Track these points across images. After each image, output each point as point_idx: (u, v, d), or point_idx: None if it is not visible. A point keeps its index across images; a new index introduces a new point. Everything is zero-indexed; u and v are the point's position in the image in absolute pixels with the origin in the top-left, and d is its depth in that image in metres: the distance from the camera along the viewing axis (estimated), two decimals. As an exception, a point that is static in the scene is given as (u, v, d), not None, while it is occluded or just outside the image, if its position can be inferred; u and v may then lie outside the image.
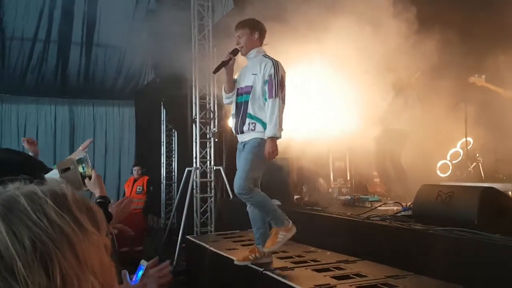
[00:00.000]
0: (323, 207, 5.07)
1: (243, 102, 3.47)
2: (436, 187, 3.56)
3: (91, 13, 10.07)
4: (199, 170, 7.29)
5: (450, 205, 3.26)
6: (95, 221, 0.80)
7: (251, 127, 3.40)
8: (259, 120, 3.40)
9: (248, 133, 3.44)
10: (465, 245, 2.96)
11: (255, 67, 3.47)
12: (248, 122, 3.42)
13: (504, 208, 3.12)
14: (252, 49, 3.51)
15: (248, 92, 3.45)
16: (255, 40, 3.52)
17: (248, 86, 3.47)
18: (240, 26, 3.55)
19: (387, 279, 2.97)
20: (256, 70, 3.45)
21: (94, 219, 0.80)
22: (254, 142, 3.40)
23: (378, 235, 3.72)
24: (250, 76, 3.46)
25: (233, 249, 4.22)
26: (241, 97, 3.50)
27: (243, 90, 3.50)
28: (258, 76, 3.42)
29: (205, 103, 7.48)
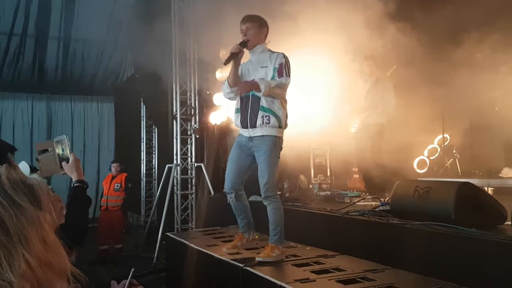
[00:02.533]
0: (304, 203, 5.10)
1: (252, 96, 3.42)
2: (413, 182, 3.62)
3: (69, 7, 9.87)
4: (179, 166, 7.24)
5: (427, 200, 3.32)
6: (34, 198, 0.82)
7: (266, 120, 3.38)
8: (272, 113, 3.40)
9: (261, 127, 3.40)
10: (442, 239, 3.01)
11: (264, 61, 3.47)
12: (262, 115, 3.38)
13: (480, 203, 3.18)
14: (257, 44, 3.52)
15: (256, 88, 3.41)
16: (262, 36, 3.56)
17: (253, 81, 3.44)
18: (249, 19, 3.52)
19: (366, 273, 3.01)
20: (266, 63, 3.46)
21: (34, 196, 0.82)
22: (270, 143, 3.40)
23: (357, 230, 3.76)
24: (260, 69, 3.44)
25: (213, 246, 4.21)
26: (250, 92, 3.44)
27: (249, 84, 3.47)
28: (269, 67, 3.44)
29: (186, 99, 7.43)
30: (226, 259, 3.60)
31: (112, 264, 7.32)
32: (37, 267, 0.76)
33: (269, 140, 3.39)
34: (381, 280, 2.88)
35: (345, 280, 2.89)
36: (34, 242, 0.78)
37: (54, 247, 0.82)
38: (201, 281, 4.10)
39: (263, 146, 3.40)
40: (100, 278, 6.22)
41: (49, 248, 0.80)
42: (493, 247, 2.74)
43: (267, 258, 3.38)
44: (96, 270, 6.65)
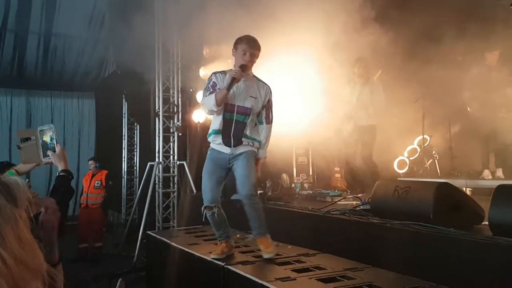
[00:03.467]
0: (286, 202, 5.12)
1: (236, 121, 3.48)
2: (393, 182, 3.67)
3: (50, 1, 9.68)
4: (161, 164, 7.18)
5: (406, 200, 3.37)
6: (10, 196, 0.81)
7: (250, 143, 3.54)
8: (254, 140, 3.56)
9: (244, 147, 3.52)
10: (421, 239, 3.06)
11: (253, 90, 3.52)
12: (246, 141, 3.51)
13: (458, 203, 3.24)
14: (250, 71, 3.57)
15: (247, 114, 3.50)
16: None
17: (247, 108, 3.49)
18: (259, 47, 3.51)
19: (346, 272, 3.04)
20: (255, 93, 3.53)
21: (10, 194, 0.82)
22: (252, 153, 3.54)
23: (337, 229, 3.79)
24: (249, 98, 3.50)
25: (195, 244, 4.19)
26: (235, 115, 3.48)
27: (240, 109, 3.49)
28: (258, 100, 3.53)
29: (169, 97, 7.37)
30: (208, 257, 3.59)
31: (92, 262, 7.23)
32: (13, 264, 0.75)
33: (251, 152, 3.55)
34: (361, 278, 2.91)
35: (326, 279, 2.92)
36: (9, 240, 0.77)
37: (29, 245, 0.81)
38: (182, 280, 4.08)
39: (247, 155, 3.51)
40: (80, 277, 6.14)
41: (24, 246, 0.79)
42: (470, 246, 2.79)
43: (274, 252, 3.47)
44: (76, 268, 6.56)
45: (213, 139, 3.56)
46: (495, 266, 2.63)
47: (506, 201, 2.80)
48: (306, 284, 2.88)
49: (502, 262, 2.61)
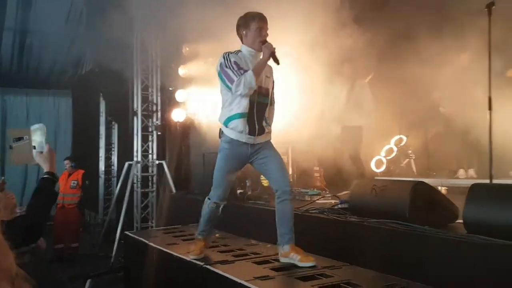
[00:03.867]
0: (265, 201, 5.13)
1: (258, 103, 3.21)
2: (371, 181, 3.72)
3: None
4: (140, 164, 7.10)
5: (383, 199, 3.42)
6: None
7: (268, 131, 3.33)
8: (270, 125, 3.37)
9: (265, 135, 3.30)
10: (397, 237, 3.11)
11: (267, 68, 3.28)
12: (266, 126, 3.29)
13: (433, 202, 3.31)
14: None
15: (267, 94, 3.29)
16: None
17: (267, 88, 3.29)
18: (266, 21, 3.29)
19: (324, 270, 3.06)
20: (269, 72, 3.33)
21: None
22: (271, 143, 3.35)
23: (316, 228, 3.82)
24: (265, 77, 3.27)
25: (174, 244, 4.16)
26: (257, 97, 3.20)
27: (262, 90, 3.25)
28: (271, 79, 3.35)
29: (148, 95, 7.29)
30: (186, 258, 3.57)
31: (68, 263, 7.11)
32: None
33: (270, 142, 3.36)
34: (339, 276, 2.94)
35: (304, 277, 2.94)
36: None
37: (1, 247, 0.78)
38: (160, 280, 4.04)
39: (269, 145, 3.31)
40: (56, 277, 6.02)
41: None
42: (445, 244, 2.85)
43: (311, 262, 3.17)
44: (52, 269, 6.43)
45: (234, 126, 3.17)
46: (469, 263, 2.70)
47: (480, 200, 2.86)
48: (285, 283, 2.90)
49: (476, 260, 2.67)
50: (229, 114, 3.20)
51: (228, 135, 3.22)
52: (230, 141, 3.22)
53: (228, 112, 3.20)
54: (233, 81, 3.07)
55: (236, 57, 3.18)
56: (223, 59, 3.19)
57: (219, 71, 3.20)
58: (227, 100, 3.22)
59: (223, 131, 3.27)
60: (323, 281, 2.86)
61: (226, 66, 3.15)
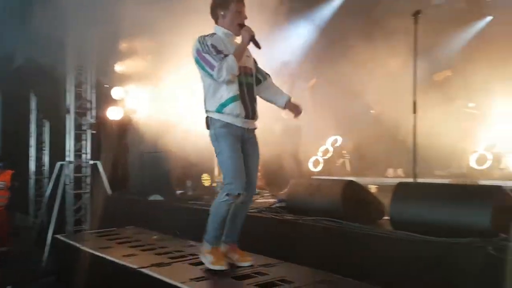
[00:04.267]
0: (205, 202, 5.12)
1: (247, 84, 3.07)
2: (307, 180, 3.83)
3: None
4: (73, 164, 6.80)
5: (318, 197, 3.53)
6: None
7: (257, 114, 3.15)
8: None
9: (255, 120, 3.14)
10: (330, 234, 3.23)
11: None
12: (256, 109, 3.13)
13: (362, 200, 3.47)
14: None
15: (252, 74, 3.16)
16: None
17: (251, 69, 3.15)
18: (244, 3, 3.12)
19: (259, 268, 3.10)
20: (247, 51, 3.14)
21: None
22: (256, 136, 3.16)
23: (254, 227, 3.84)
24: (246, 57, 3.10)
25: (107, 248, 4.03)
26: (246, 78, 3.08)
27: (247, 70, 3.11)
28: (251, 58, 3.20)
29: (81, 92, 6.99)
30: (120, 261, 3.47)
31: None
32: None
33: (255, 135, 3.19)
34: (274, 274, 2.99)
35: (239, 276, 2.96)
36: None
37: None
38: (94, 285, 3.90)
39: (255, 140, 3.15)
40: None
41: None
42: (374, 240, 3.00)
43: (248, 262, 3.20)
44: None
45: (230, 110, 2.96)
46: (396, 258, 2.85)
47: (405, 198, 3.04)
48: (220, 283, 2.91)
49: (402, 254, 2.83)
50: (220, 100, 2.98)
51: (222, 120, 2.98)
52: (226, 125, 2.98)
53: (218, 99, 2.98)
54: (214, 67, 2.89)
55: (212, 40, 2.99)
56: (198, 44, 2.98)
57: (196, 58, 2.99)
58: (210, 86, 3.00)
59: (213, 118, 3.01)
60: (258, 279, 2.90)
61: (204, 51, 2.94)
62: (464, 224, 2.67)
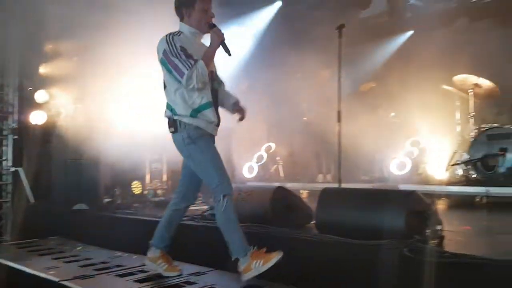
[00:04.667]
0: (135, 210, 4.99)
1: (213, 89, 2.95)
2: (238, 187, 3.85)
3: None
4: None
5: (249, 203, 3.57)
6: None
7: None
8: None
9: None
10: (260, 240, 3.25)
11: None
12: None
13: (291, 205, 3.56)
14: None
15: (214, 79, 3.00)
16: None
17: (213, 72, 2.99)
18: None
19: (189, 277, 3.08)
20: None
21: None
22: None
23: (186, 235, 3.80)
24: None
25: (27, 260, 3.80)
26: (212, 83, 2.94)
27: (213, 75, 2.98)
28: (213, 61, 3.00)
29: (3, 95, 6.55)
30: (40, 274, 3.29)
31: None
32: None
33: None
34: (203, 282, 2.98)
35: (168, 286, 2.92)
36: None
37: None
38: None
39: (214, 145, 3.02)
40: None
41: None
42: (300, 244, 3.08)
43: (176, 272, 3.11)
44: None
45: (204, 117, 2.83)
46: (323, 261, 2.95)
47: (329, 203, 3.17)
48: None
49: (328, 257, 2.93)
50: (193, 106, 2.81)
51: (194, 124, 2.82)
52: (197, 128, 2.83)
53: (190, 105, 2.81)
54: (183, 74, 2.72)
55: (180, 40, 2.80)
56: (166, 45, 2.78)
57: (162, 59, 2.80)
58: (178, 91, 2.82)
59: (183, 122, 2.82)
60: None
61: (172, 54, 2.75)
62: (383, 227, 2.82)
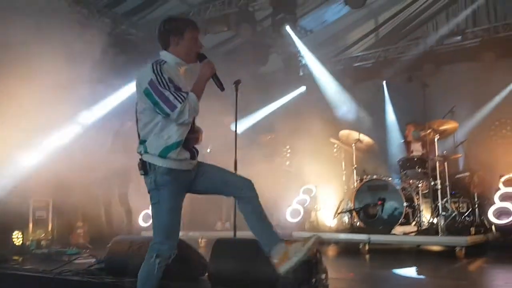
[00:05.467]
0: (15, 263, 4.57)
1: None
2: (129, 238, 3.72)
3: None
4: None
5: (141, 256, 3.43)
6: None
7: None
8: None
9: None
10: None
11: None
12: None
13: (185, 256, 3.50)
14: None
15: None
16: None
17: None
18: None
19: None
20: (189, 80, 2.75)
21: None
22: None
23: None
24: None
25: None
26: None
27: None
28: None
29: None
30: None
31: None
32: None
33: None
34: None
35: None
36: None
37: None
38: None
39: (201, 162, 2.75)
40: None
41: None
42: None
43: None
44: None
45: (175, 155, 2.56)
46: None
47: (221, 254, 3.19)
48: None
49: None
50: (167, 142, 2.56)
51: (165, 166, 2.55)
52: (169, 172, 2.55)
53: (164, 140, 2.56)
54: (175, 108, 2.48)
55: (166, 71, 2.57)
56: (153, 74, 2.52)
57: (147, 90, 2.52)
58: (157, 124, 2.57)
59: (152, 164, 2.57)
60: None
61: (161, 85, 2.50)
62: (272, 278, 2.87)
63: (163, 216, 2.58)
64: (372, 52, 8.08)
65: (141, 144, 2.62)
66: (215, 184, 2.73)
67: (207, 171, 2.71)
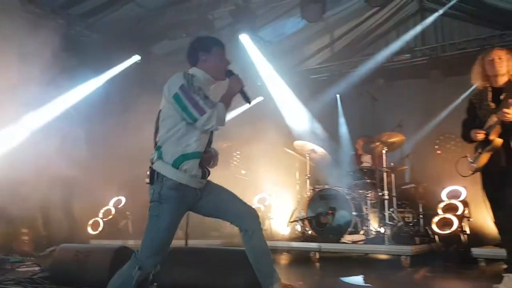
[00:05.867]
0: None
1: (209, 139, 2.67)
2: (74, 247, 3.62)
3: None
4: None
5: (86, 265, 3.36)
6: None
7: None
8: None
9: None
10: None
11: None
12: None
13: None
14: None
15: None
16: None
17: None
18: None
19: None
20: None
21: None
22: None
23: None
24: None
25: None
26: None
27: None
28: None
29: None
30: None
31: None
32: None
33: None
34: None
35: None
36: None
37: None
38: None
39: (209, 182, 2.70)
40: None
41: None
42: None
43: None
44: None
45: (189, 168, 2.49)
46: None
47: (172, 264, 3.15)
48: None
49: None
50: (184, 151, 2.50)
51: (175, 179, 2.47)
52: (177, 188, 2.47)
53: (182, 148, 2.50)
54: (204, 113, 2.46)
55: (198, 82, 2.58)
56: (184, 79, 2.52)
57: (177, 94, 2.48)
58: (177, 131, 2.52)
59: (160, 174, 2.48)
60: None
61: (192, 90, 2.49)
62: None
63: (159, 232, 2.52)
64: (328, 66, 8.31)
65: (156, 150, 2.55)
66: (218, 211, 2.72)
67: (212, 191, 2.67)
